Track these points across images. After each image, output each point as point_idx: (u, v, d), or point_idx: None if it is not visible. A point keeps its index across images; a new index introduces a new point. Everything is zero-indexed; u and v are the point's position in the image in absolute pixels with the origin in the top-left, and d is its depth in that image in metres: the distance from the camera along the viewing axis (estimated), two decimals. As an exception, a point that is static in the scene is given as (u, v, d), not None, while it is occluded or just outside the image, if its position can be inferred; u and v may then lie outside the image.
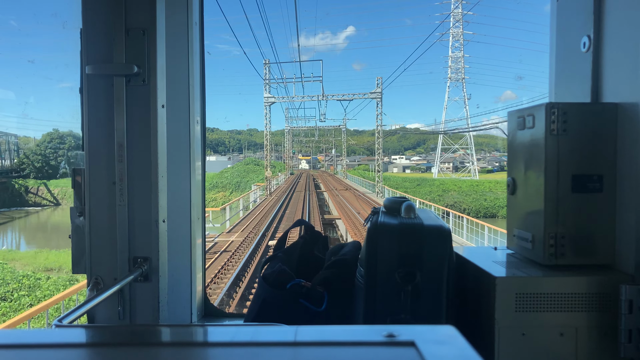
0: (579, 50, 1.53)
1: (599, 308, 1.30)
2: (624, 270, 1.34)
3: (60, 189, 66.92)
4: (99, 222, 1.76)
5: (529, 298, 1.30)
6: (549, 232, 1.38)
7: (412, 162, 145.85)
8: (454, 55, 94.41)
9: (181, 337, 0.75)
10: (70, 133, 75.48)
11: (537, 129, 1.41)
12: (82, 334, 0.75)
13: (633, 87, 1.31)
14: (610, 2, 1.42)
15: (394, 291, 1.35)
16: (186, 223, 1.91)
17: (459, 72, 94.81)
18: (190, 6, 1.86)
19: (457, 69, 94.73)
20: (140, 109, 1.74)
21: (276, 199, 37.34)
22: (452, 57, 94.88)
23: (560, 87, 1.67)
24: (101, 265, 1.77)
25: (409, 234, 1.37)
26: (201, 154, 2.01)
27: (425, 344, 0.61)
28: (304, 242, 1.81)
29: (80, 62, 1.74)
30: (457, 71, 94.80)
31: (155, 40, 1.72)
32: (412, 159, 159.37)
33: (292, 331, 0.67)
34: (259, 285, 1.65)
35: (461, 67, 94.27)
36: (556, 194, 1.37)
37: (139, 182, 1.75)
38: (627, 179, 1.34)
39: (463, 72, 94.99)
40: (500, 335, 1.30)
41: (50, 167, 70.25)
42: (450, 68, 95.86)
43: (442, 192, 57.57)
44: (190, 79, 1.87)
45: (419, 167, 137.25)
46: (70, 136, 74.17)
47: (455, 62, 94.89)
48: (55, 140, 72.85)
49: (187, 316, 1.92)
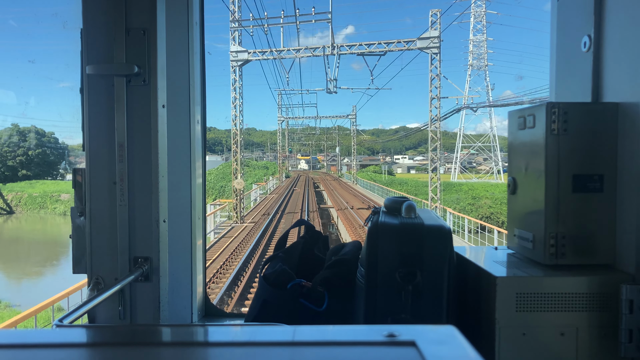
0: (580, 49, 1.53)
1: (600, 308, 1.30)
2: (625, 270, 1.34)
3: (15, 194, 58.08)
4: (100, 222, 1.76)
5: (529, 298, 1.30)
6: (550, 232, 1.38)
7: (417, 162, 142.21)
8: (475, 39, 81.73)
9: (182, 337, 0.76)
10: (33, 129, 67.27)
11: (538, 128, 1.41)
12: (82, 333, 0.75)
13: (634, 87, 1.31)
14: (611, 2, 1.42)
15: (395, 291, 1.35)
16: (187, 223, 1.91)
17: (482, 59, 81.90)
18: (191, 6, 1.86)
19: (480, 54, 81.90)
20: (141, 109, 1.74)
21: (246, 235, 20.42)
22: (473, 41, 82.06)
23: (560, 87, 1.67)
24: (102, 265, 1.77)
25: (409, 233, 1.37)
26: (202, 154, 2.01)
27: (426, 343, 0.61)
28: (305, 242, 1.81)
29: (80, 62, 1.74)
30: (480, 57, 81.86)
31: (155, 40, 1.72)
32: (415, 159, 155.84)
33: (292, 331, 0.67)
34: (260, 285, 1.65)
35: (484, 52, 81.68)
36: (557, 194, 1.37)
37: (140, 182, 1.75)
38: (627, 179, 1.34)
39: (486, 58, 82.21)
40: (501, 335, 1.30)
41: (7, 168, 63.06)
42: (471, 54, 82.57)
43: (472, 199, 43.56)
44: (190, 79, 1.87)
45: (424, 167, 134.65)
46: (32, 132, 66.26)
47: (477, 46, 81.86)
48: (15, 138, 65.10)
49: (188, 316, 1.92)
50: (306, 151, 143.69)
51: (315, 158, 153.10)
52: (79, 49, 1.74)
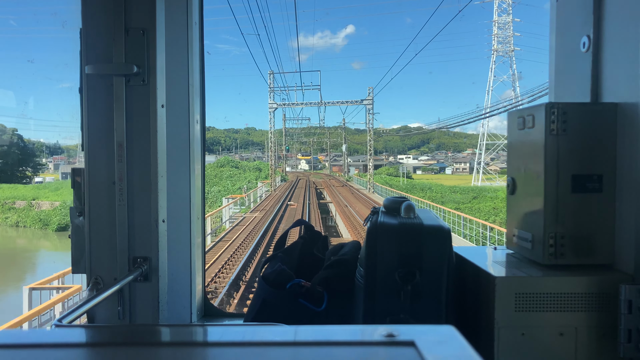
0: (579, 50, 1.53)
1: (599, 308, 1.30)
2: (624, 270, 1.34)
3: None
4: (99, 222, 1.76)
5: (528, 298, 1.30)
6: (549, 232, 1.38)
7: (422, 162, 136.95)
8: (500, 20, 72.31)
9: (181, 337, 0.76)
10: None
11: (537, 128, 1.41)
12: (81, 333, 0.75)
13: (632, 87, 1.31)
14: (610, 2, 1.42)
15: (394, 291, 1.35)
16: (186, 223, 1.91)
17: (507, 43, 72.91)
18: (190, 6, 1.86)
19: (505, 38, 72.95)
20: (140, 108, 1.74)
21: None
22: (497, 23, 72.73)
23: (560, 87, 1.68)
24: (101, 265, 1.77)
25: (408, 233, 1.37)
26: (201, 154, 2.01)
27: (425, 343, 0.61)
28: (304, 242, 1.81)
29: (80, 62, 1.74)
30: (505, 41, 72.90)
31: (155, 40, 1.72)
32: (419, 159, 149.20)
33: (291, 331, 0.67)
34: (259, 285, 1.65)
35: (509, 35, 72.91)
36: (556, 194, 1.38)
37: (139, 182, 1.75)
38: (626, 179, 1.34)
39: (512, 42, 73.26)
40: (500, 335, 1.30)
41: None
42: (495, 37, 73.21)
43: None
44: (190, 79, 1.87)
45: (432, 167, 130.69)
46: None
47: (502, 28, 72.88)
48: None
49: (187, 316, 1.92)
50: (306, 150, 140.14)
51: (316, 158, 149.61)
52: (78, 48, 1.74)
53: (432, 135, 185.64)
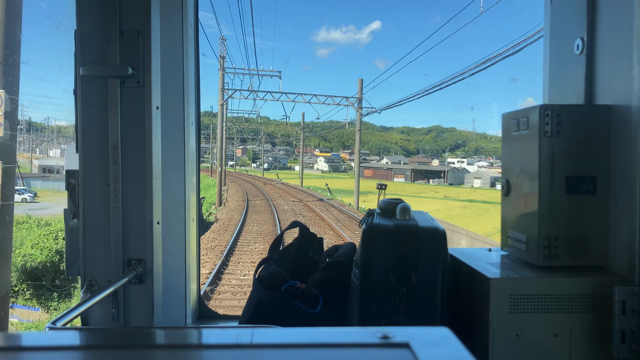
0: (573, 52, 1.54)
1: (593, 309, 1.31)
2: (617, 271, 1.34)
3: None
4: (93, 224, 1.76)
5: (523, 299, 1.30)
6: (543, 234, 1.38)
7: (483, 170, 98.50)
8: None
9: (175, 340, 0.75)
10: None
11: (531, 130, 1.41)
12: (75, 336, 0.74)
13: (626, 89, 1.32)
14: (604, 5, 1.43)
15: (389, 293, 1.35)
16: (181, 225, 1.90)
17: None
18: (185, 8, 1.86)
19: None
20: (135, 110, 1.73)
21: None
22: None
23: (554, 89, 1.68)
24: (95, 267, 1.76)
25: (404, 235, 1.37)
26: (196, 156, 2.01)
27: (420, 345, 0.61)
28: (299, 243, 1.81)
29: (74, 64, 1.73)
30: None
31: (149, 41, 1.72)
32: (477, 164, 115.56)
33: (286, 333, 0.66)
34: (254, 287, 1.65)
35: None
36: (550, 196, 1.38)
37: (134, 183, 1.75)
38: (620, 181, 1.34)
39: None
40: (495, 336, 1.30)
41: None
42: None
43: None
44: (184, 81, 1.87)
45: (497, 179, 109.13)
46: None
47: None
48: None
49: (182, 318, 1.92)
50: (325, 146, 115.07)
51: (337, 155, 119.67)
52: (73, 50, 1.74)
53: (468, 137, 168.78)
